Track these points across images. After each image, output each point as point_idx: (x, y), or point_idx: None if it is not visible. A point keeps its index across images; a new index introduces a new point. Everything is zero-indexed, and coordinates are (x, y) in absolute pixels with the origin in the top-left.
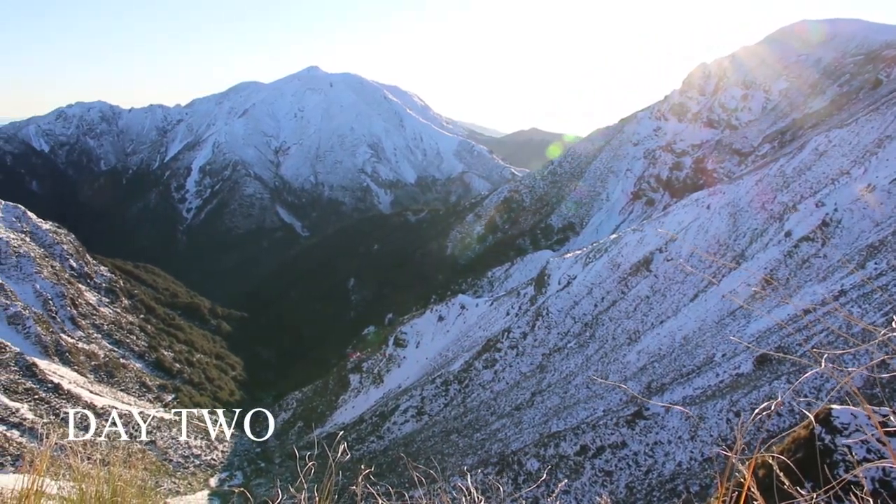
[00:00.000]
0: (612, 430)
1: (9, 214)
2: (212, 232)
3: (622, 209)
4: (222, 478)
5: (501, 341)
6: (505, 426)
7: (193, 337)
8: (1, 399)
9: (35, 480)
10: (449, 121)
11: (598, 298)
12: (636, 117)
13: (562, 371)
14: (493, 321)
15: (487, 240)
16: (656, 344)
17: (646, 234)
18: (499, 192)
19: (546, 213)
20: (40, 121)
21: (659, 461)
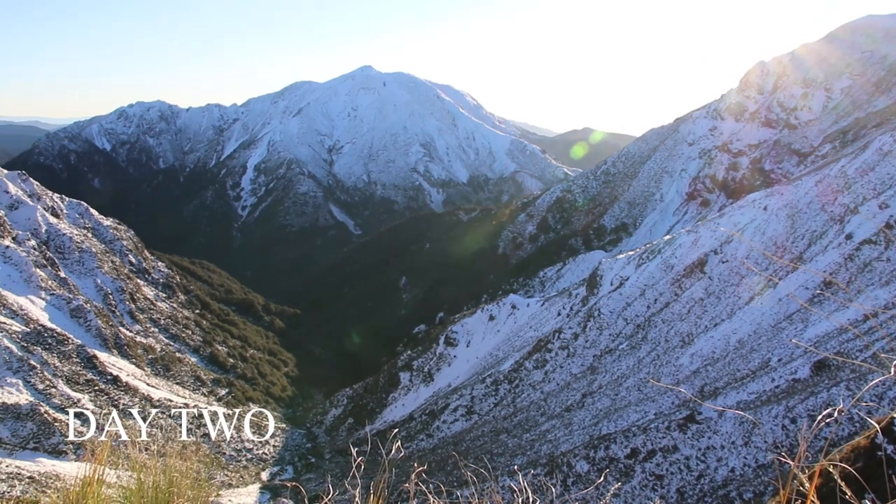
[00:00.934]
0: (664, 434)
1: (72, 211)
2: (266, 229)
3: (676, 210)
4: (273, 472)
5: (552, 342)
6: (555, 427)
7: (247, 333)
8: (63, 389)
9: (96, 469)
10: (501, 120)
11: (651, 300)
12: (692, 117)
13: (613, 373)
14: (544, 321)
15: (539, 239)
16: (710, 347)
17: (700, 236)
18: (551, 192)
19: (599, 213)
20: (103, 120)
21: (711, 466)
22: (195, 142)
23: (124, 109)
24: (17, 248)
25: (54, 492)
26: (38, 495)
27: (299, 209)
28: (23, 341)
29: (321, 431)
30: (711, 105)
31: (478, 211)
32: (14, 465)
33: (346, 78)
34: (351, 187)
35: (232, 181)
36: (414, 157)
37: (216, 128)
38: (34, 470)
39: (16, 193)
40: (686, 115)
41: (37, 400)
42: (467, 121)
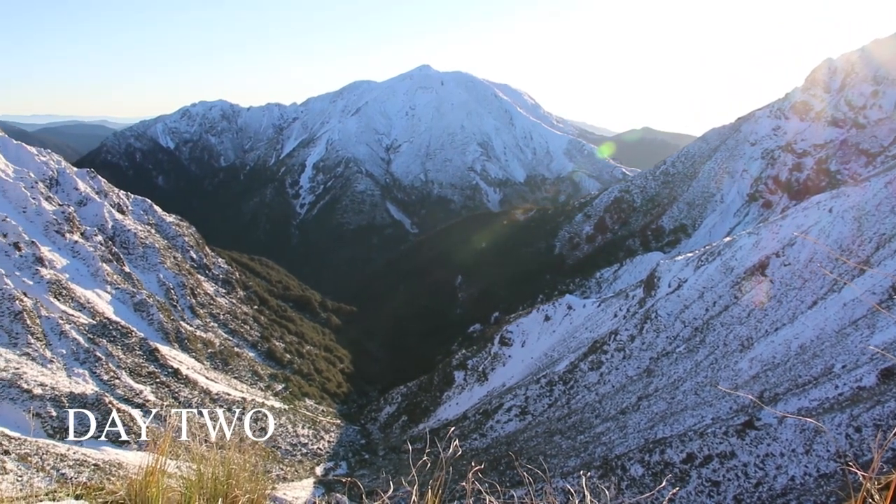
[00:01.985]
0: (721, 440)
1: (137, 207)
2: (324, 227)
3: (737, 211)
4: (328, 467)
5: (608, 343)
6: (609, 429)
7: (304, 329)
8: (127, 381)
9: (158, 460)
10: (559, 119)
11: (710, 303)
12: (754, 116)
13: (669, 376)
14: (600, 322)
15: (596, 240)
16: (770, 352)
17: (762, 238)
18: (609, 192)
19: (657, 214)
20: (167, 119)
21: (770, 474)
22: (255, 140)
23: (188, 109)
24: (85, 244)
25: (117, 479)
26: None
27: (357, 207)
28: (89, 333)
29: (375, 428)
30: (775, 104)
31: (534, 210)
32: (80, 452)
33: (405, 77)
34: (408, 186)
35: (291, 179)
36: (471, 157)
37: (276, 127)
38: (99, 458)
39: (84, 190)
40: (748, 114)
41: (102, 390)
42: (525, 120)
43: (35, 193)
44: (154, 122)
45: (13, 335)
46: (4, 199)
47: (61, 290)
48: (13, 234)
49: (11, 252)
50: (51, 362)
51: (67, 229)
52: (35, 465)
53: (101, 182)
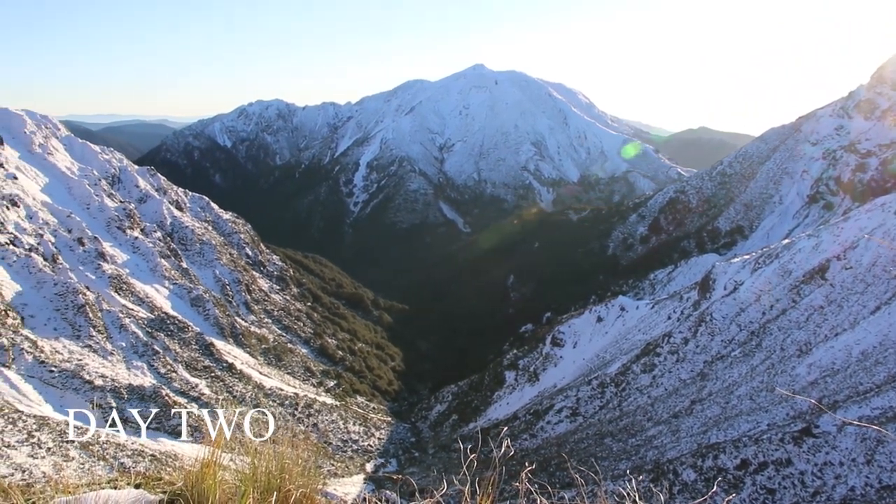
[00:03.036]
0: (777, 446)
1: (195, 204)
2: (377, 225)
3: (796, 213)
4: (378, 464)
5: (661, 346)
6: (661, 433)
7: (356, 326)
8: (183, 374)
9: (214, 453)
10: (614, 119)
11: (767, 306)
12: (815, 115)
13: (724, 380)
14: (653, 325)
15: (650, 241)
16: (829, 358)
17: (822, 240)
18: (664, 193)
19: (713, 215)
20: (224, 118)
21: (828, 483)
22: (310, 139)
23: (244, 108)
24: (144, 240)
25: (174, 470)
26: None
27: (410, 206)
28: (148, 327)
29: (425, 426)
30: (838, 103)
31: (588, 211)
32: (139, 442)
33: (458, 76)
34: (461, 185)
35: (345, 178)
36: (524, 156)
37: (331, 125)
38: (155, 448)
39: (145, 188)
40: (809, 113)
41: (159, 383)
42: (579, 119)
43: (98, 190)
44: (212, 121)
45: (76, 327)
46: (70, 195)
47: (122, 285)
48: (77, 230)
49: (75, 247)
50: (111, 354)
51: (128, 225)
52: (96, 453)
53: (160, 180)
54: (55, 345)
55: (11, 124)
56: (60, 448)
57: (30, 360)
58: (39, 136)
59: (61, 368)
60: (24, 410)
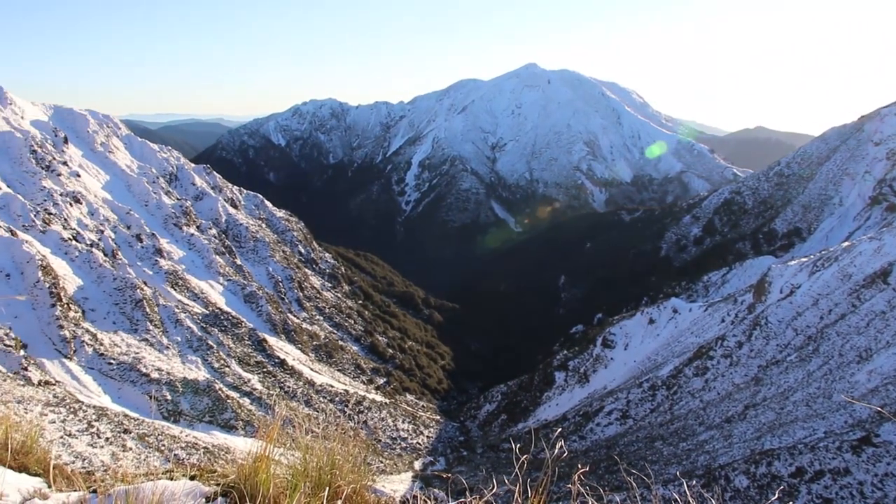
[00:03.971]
0: (834, 455)
1: (249, 202)
2: (428, 224)
3: (857, 215)
4: (426, 462)
5: (714, 349)
6: (713, 438)
7: (406, 325)
8: (236, 369)
9: (266, 447)
10: (668, 118)
11: (825, 310)
12: (879, 114)
13: (779, 385)
14: (706, 327)
15: (704, 242)
16: (891, 364)
17: (884, 243)
18: (719, 194)
19: (770, 216)
20: (279, 117)
21: (890, 495)
22: (363, 138)
23: (298, 107)
24: (200, 236)
25: (227, 463)
26: (213, 465)
27: (461, 205)
28: (202, 322)
29: (474, 426)
30: None
31: (641, 211)
32: (192, 435)
33: (511, 76)
34: (513, 185)
35: (397, 176)
36: (577, 156)
37: (383, 125)
38: (209, 441)
39: (201, 185)
40: (873, 112)
41: (213, 377)
42: (633, 119)
43: (156, 188)
44: (266, 120)
45: (134, 321)
46: (129, 193)
47: (178, 281)
48: (136, 227)
49: (134, 243)
50: (167, 348)
51: (184, 222)
52: (151, 444)
53: (216, 178)
54: (114, 338)
55: (76, 124)
56: (118, 438)
57: (90, 352)
58: (101, 135)
59: (119, 361)
60: (84, 401)
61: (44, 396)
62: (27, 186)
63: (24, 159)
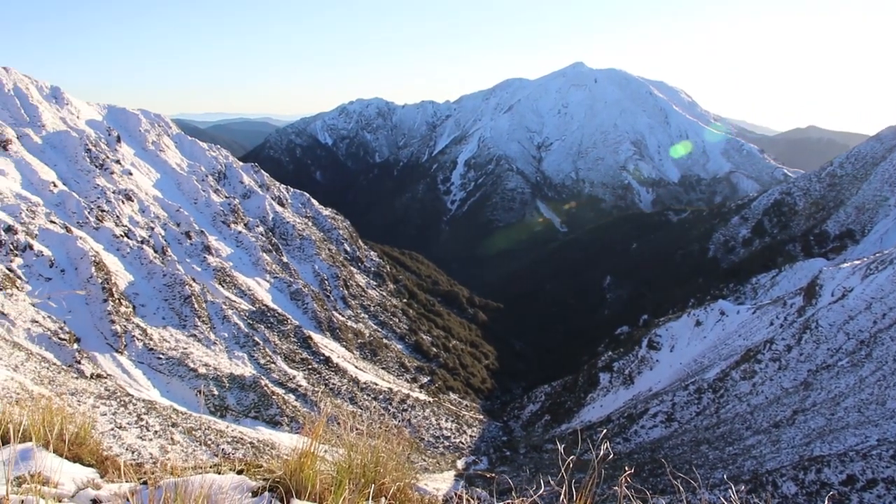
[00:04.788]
0: (888, 463)
1: (296, 200)
2: (473, 223)
3: None
4: (468, 461)
5: (762, 352)
6: (760, 443)
7: (451, 323)
8: (282, 365)
9: (312, 444)
10: (717, 118)
11: (879, 315)
12: None
13: (829, 390)
14: (754, 330)
15: (753, 244)
16: None
17: None
18: (769, 194)
19: (821, 218)
20: (326, 116)
21: None
22: (409, 137)
23: (345, 106)
24: (247, 234)
25: (272, 459)
26: (258, 460)
27: (507, 205)
28: (249, 319)
29: (517, 426)
30: None
31: (688, 212)
32: (238, 430)
33: (558, 75)
34: (559, 184)
35: (442, 176)
36: (623, 156)
37: (429, 124)
38: (254, 437)
39: (249, 184)
40: None
41: (259, 373)
42: (680, 118)
43: (205, 186)
44: (314, 119)
45: (182, 317)
46: (179, 190)
47: (225, 278)
48: (185, 224)
49: (183, 240)
50: (214, 344)
51: (233, 220)
52: (198, 438)
53: (263, 176)
54: (163, 333)
55: (128, 123)
56: (166, 431)
57: (140, 346)
58: (153, 134)
59: (168, 356)
60: (134, 394)
61: (96, 389)
62: (81, 184)
63: (79, 158)
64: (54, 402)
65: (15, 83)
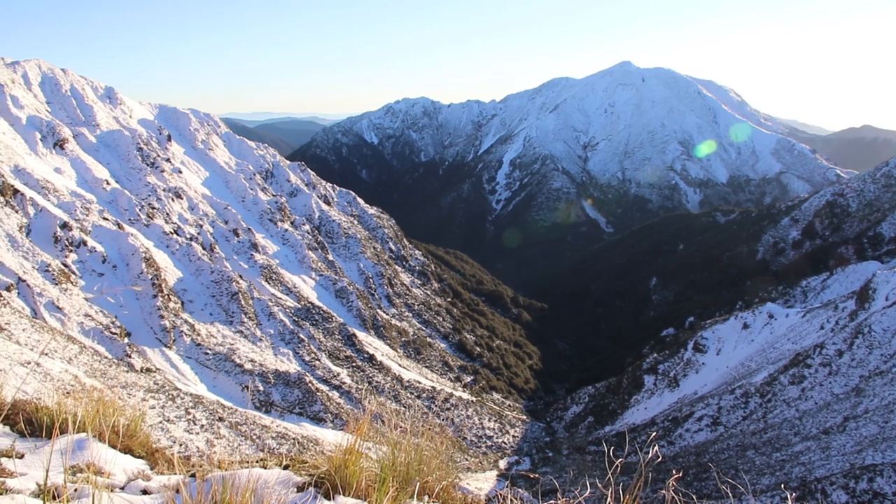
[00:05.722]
0: None
1: (342, 199)
2: (518, 223)
3: None
4: (511, 461)
5: (812, 357)
6: (809, 449)
7: (495, 323)
8: (326, 362)
9: (356, 441)
10: (767, 117)
11: None
12: None
13: (883, 397)
14: (804, 334)
15: (804, 246)
16: None
17: None
18: (820, 195)
19: (876, 220)
20: (372, 116)
21: None
22: (454, 136)
23: (391, 106)
24: (294, 232)
25: (317, 455)
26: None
27: (552, 205)
28: (294, 316)
29: (560, 427)
30: None
31: (737, 213)
32: (283, 426)
33: (604, 74)
34: (604, 184)
35: (487, 175)
36: (671, 156)
37: (475, 123)
38: (298, 433)
39: (295, 182)
40: None
41: (303, 370)
42: (729, 118)
43: (253, 184)
44: (360, 118)
45: (229, 313)
46: (227, 189)
47: (272, 275)
48: (233, 222)
49: (231, 238)
50: (260, 340)
51: (279, 218)
52: (244, 433)
53: (310, 175)
54: (210, 329)
55: (178, 122)
56: (213, 426)
57: (188, 342)
58: (202, 133)
59: (215, 351)
60: (182, 388)
61: (145, 383)
62: (133, 182)
63: (131, 156)
64: (106, 395)
65: (72, 84)
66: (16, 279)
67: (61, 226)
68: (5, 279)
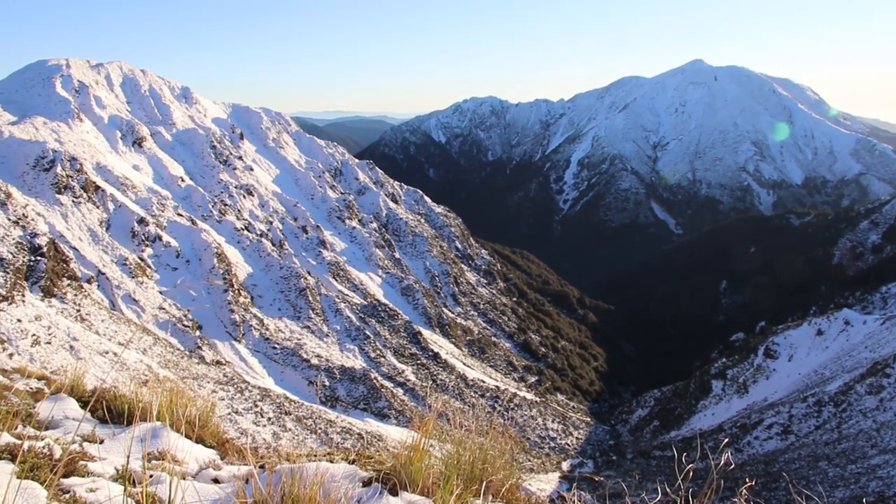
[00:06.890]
0: None
1: (409, 197)
2: (586, 223)
3: None
4: (574, 463)
5: (892, 366)
6: (888, 463)
7: (560, 324)
8: (391, 359)
9: (422, 438)
10: (846, 116)
11: None
12: None
13: None
14: (883, 342)
15: (884, 251)
16: None
17: None
18: None
19: None
20: (440, 115)
21: None
22: (522, 136)
23: (459, 105)
24: (361, 230)
25: (381, 451)
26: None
27: (620, 205)
28: (361, 313)
29: (625, 430)
30: None
31: (812, 215)
32: (347, 420)
33: (675, 72)
34: (674, 185)
35: (555, 175)
36: (743, 156)
37: (543, 122)
38: (362, 428)
39: (364, 180)
40: None
41: (369, 366)
42: (806, 117)
43: (322, 182)
44: (428, 117)
45: (297, 309)
46: (296, 186)
47: (339, 272)
48: (302, 219)
49: (300, 234)
50: (326, 336)
51: (347, 216)
52: (309, 427)
53: (378, 173)
54: (279, 324)
55: (251, 121)
56: (279, 419)
57: (257, 336)
58: (273, 132)
59: (283, 346)
60: (250, 381)
61: (215, 375)
62: (206, 179)
63: (204, 154)
64: (179, 386)
65: (150, 84)
66: (96, 272)
67: (138, 221)
68: (87, 272)
